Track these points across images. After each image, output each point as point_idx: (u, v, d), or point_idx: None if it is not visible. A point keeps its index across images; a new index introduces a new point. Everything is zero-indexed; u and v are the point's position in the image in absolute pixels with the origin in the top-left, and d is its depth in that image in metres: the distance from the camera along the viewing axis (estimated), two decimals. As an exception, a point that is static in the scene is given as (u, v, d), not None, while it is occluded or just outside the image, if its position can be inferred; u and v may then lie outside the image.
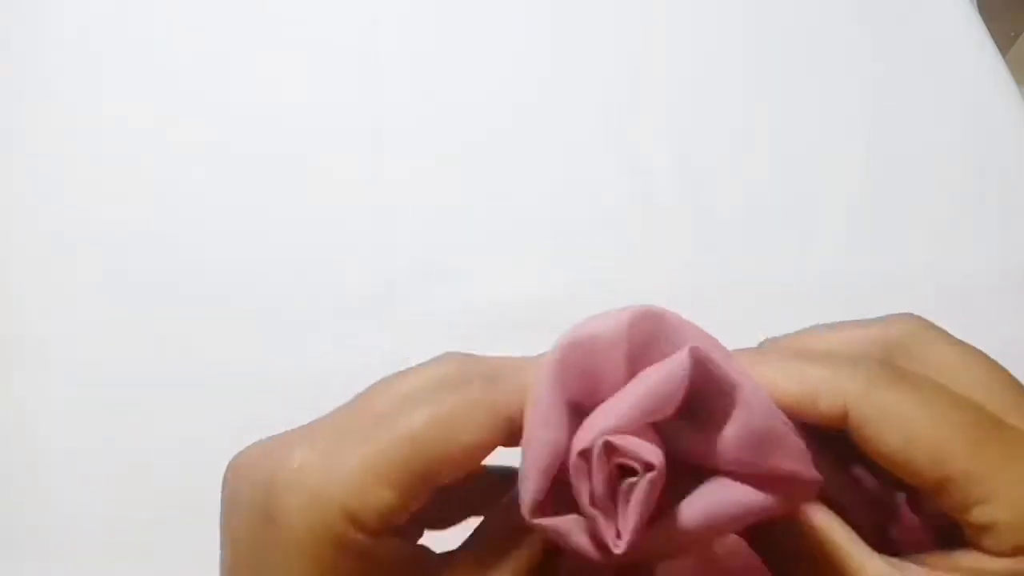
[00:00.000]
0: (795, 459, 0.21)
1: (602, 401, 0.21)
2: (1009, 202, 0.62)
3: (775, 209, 0.61)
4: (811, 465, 0.22)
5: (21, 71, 0.66)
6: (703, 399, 0.21)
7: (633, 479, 0.20)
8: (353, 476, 0.20)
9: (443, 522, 0.27)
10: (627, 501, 0.20)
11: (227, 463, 0.23)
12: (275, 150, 0.63)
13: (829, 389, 0.21)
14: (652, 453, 0.20)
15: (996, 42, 0.70)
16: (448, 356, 0.23)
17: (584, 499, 0.20)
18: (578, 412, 0.21)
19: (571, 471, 0.20)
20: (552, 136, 0.65)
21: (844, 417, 0.22)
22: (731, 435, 0.21)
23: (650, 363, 0.21)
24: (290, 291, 0.57)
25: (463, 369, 0.23)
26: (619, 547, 0.20)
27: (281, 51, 0.68)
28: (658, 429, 0.22)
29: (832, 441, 0.23)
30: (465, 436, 0.21)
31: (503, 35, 0.70)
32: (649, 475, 0.20)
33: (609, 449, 0.20)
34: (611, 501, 0.20)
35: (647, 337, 0.21)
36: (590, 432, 0.20)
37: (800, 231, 0.61)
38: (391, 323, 0.56)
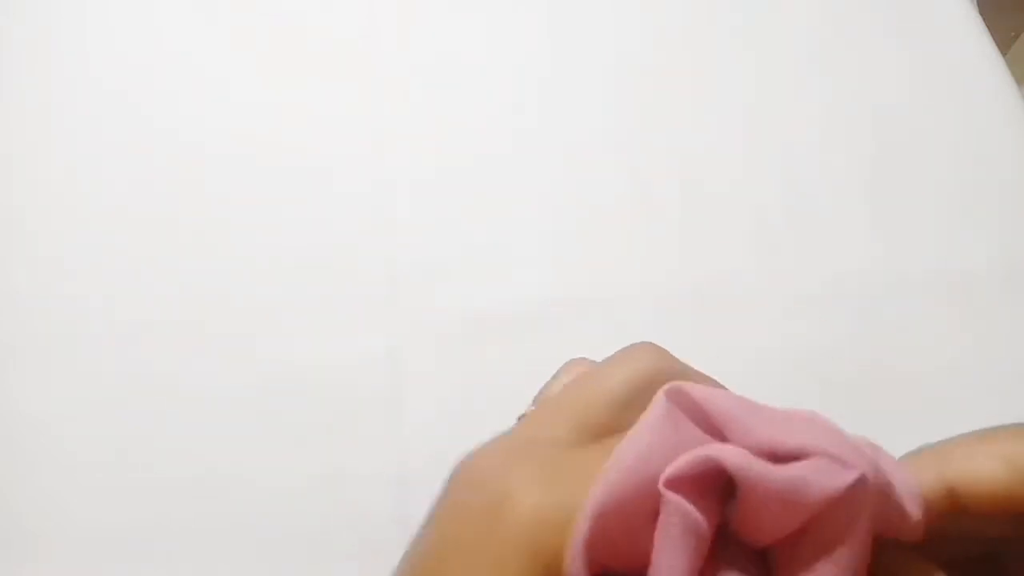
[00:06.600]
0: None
1: None
2: (1009, 202, 0.62)
3: (776, 211, 0.61)
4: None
5: (25, 76, 0.66)
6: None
7: None
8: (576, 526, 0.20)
9: None
10: None
11: (461, 459, 0.23)
12: (277, 153, 0.63)
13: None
14: None
15: (996, 42, 0.70)
16: (643, 351, 0.22)
17: None
18: None
19: None
20: (552, 139, 0.65)
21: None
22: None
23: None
24: (291, 292, 0.57)
25: (658, 372, 0.22)
26: None
27: (287, 59, 0.68)
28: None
29: None
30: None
31: (504, 38, 0.70)
32: None
33: None
34: None
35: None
36: None
37: (801, 233, 0.61)
38: (391, 323, 0.56)
